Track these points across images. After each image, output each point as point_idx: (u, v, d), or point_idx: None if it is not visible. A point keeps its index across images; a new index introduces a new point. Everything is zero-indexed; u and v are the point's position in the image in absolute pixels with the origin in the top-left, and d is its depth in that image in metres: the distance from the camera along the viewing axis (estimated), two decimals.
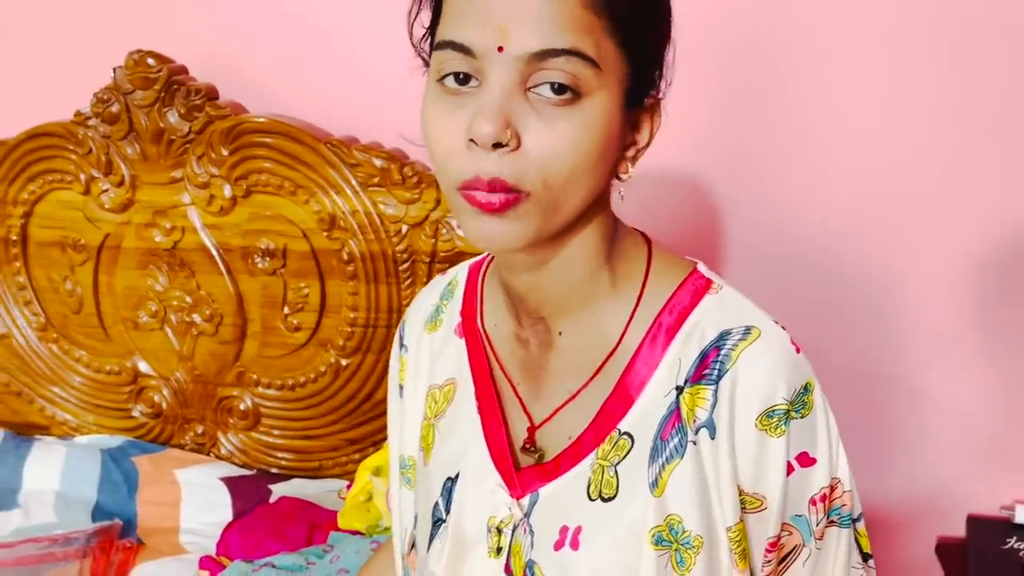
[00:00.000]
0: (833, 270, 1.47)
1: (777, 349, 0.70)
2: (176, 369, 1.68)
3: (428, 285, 0.92)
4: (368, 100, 1.56)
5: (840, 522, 0.74)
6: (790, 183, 1.45)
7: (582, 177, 0.66)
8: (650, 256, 0.76)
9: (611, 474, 0.72)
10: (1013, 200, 1.38)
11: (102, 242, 1.66)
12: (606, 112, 0.65)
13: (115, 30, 1.66)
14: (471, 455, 0.78)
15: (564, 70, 0.62)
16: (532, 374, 0.78)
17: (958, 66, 1.35)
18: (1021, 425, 1.46)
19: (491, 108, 0.62)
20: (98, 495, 1.62)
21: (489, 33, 0.62)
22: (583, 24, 0.62)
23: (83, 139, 1.61)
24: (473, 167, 0.64)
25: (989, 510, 1.48)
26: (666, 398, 0.71)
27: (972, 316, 1.44)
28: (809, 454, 0.71)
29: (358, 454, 1.60)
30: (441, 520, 0.79)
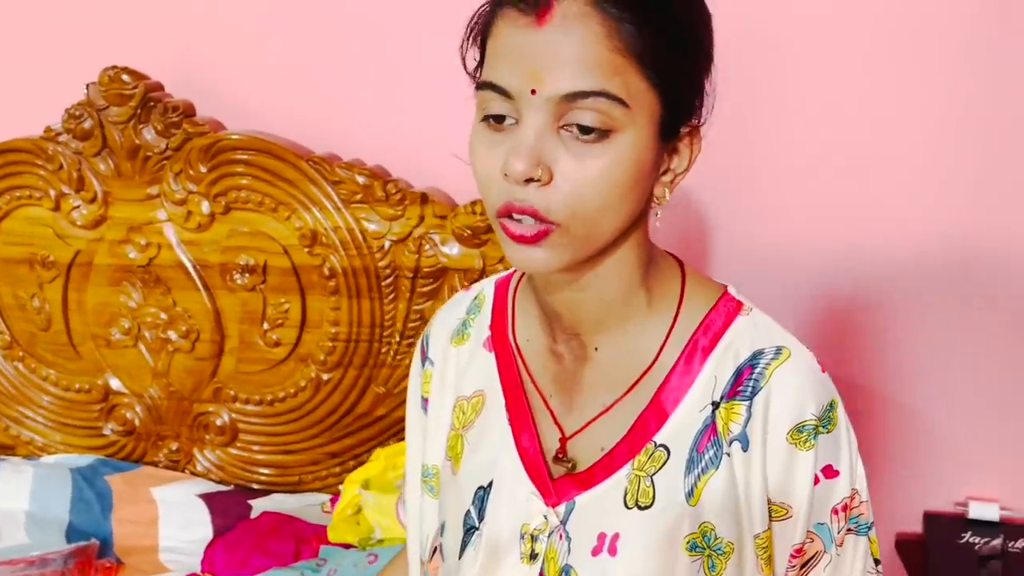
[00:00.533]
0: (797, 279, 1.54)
1: (806, 369, 0.76)
2: (150, 386, 1.67)
3: (450, 300, 0.95)
4: (348, 118, 1.58)
5: (858, 530, 0.80)
6: (774, 196, 1.50)
7: (611, 208, 0.70)
8: (684, 277, 0.80)
9: (647, 484, 0.76)
10: (999, 210, 1.45)
11: (72, 259, 1.64)
12: (636, 146, 0.69)
13: (88, 46, 1.64)
14: (503, 465, 0.82)
15: (593, 109, 0.67)
16: (565, 387, 0.81)
17: (946, 74, 1.41)
18: (974, 425, 1.55)
19: (523, 147, 0.68)
20: (71, 515, 1.60)
21: (524, 77, 0.67)
22: (611, 66, 0.67)
23: (53, 155, 1.59)
24: (508, 195, 0.69)
25: (945, 507, 1.57)
26: (702, 412, 0.76)
27: (929, 320, 1.52)
28: (833, 466, 0.76)
29: (339, 467, 1.61)
30: (474, 528, 0.82)
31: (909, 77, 1.42)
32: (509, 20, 0.68)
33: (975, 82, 1.41)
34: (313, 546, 1.42)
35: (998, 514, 1.52)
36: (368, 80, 1.58)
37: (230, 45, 1.62)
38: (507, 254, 0.72)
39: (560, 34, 0.66)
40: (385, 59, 1.56)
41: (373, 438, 1.58)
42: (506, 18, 0.69)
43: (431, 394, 0.91)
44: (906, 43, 1.41)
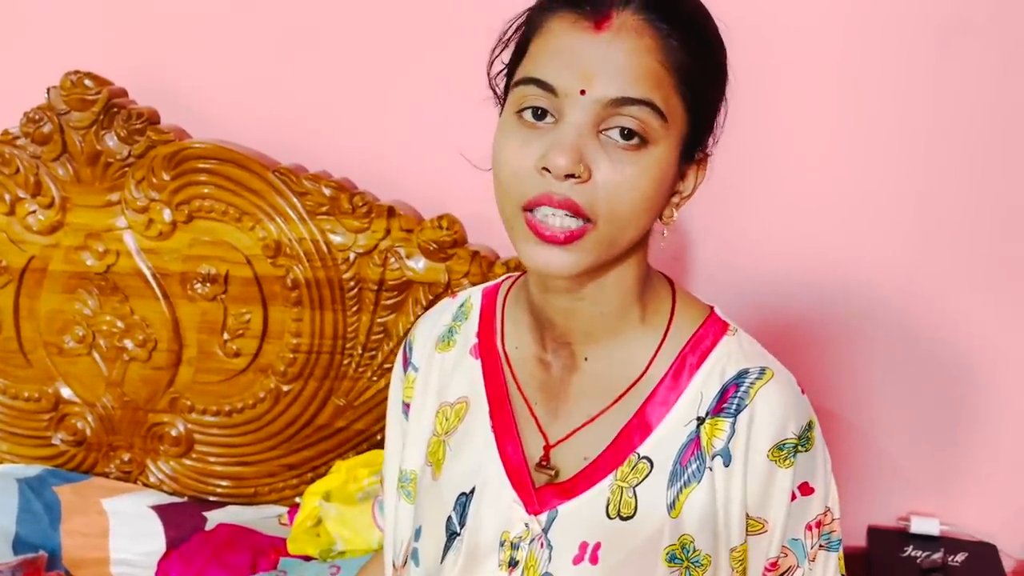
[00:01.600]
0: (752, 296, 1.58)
1: (788, 390, 0.79)
2: (103, 395, 1.64)
3: (435, 307, 0.96)
4: (315, 129, 1.58)
5: (829, 546, 0.84)
6: (753, 217, 1.54)
7: (639, 217, 0.73)
8: (674, 296, 0.83)
9: (629, 495, 0.78)
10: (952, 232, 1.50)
11: (26, 264, 1.61)
12: (665, 161, 0.72)
13: (49, 50, 1.62)
14: (486, 472, 0.83)
15: (636, 117, 0.70)
16: (551, 396, 0.83)
17: (928, 90, 1.45)
18: (916, 444, 1.61)
19: (566, 142, 0.69)
20: (17, 526, 1.56)
21: (575, 77, 0.69)
22: (657, 79, 0.70)
23: (10, 158, 1.57)
24: (543, 187, 0.70)
25: (888, 522, 1.63)
26: (687, 427, 0.79)
27: (877, 343, 1.58)
28: (809, 483, 0.80)
29: (296, 480, 1.60)
30: (455, 533, 0.84)
31: (884, 93, 1.46)
32: (566, 22, 0.71)
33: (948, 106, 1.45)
34: (271, 558, 1.41)
35: (938, 529, 1.58)
36: (336, 92, 1.58)
37: (197, 53, 1.61)
38: (526, 254, 0.72)
39: (616, 42, 0.69)
40: (354, 72, 1.57)
41: (332, 450, 1.58)
42: (562, 20, 0.71)
43: (414, 399, 0.92)
44: (883, 61, 1.44)
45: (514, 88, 0.73)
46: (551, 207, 0.70)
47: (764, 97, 1.48)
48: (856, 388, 1.59)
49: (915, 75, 1.44)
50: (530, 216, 0.71)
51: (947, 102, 1.45)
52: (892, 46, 1.44)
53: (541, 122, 0.71)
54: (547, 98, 0.71)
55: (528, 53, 0.73)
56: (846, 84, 1.47)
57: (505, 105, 0.75)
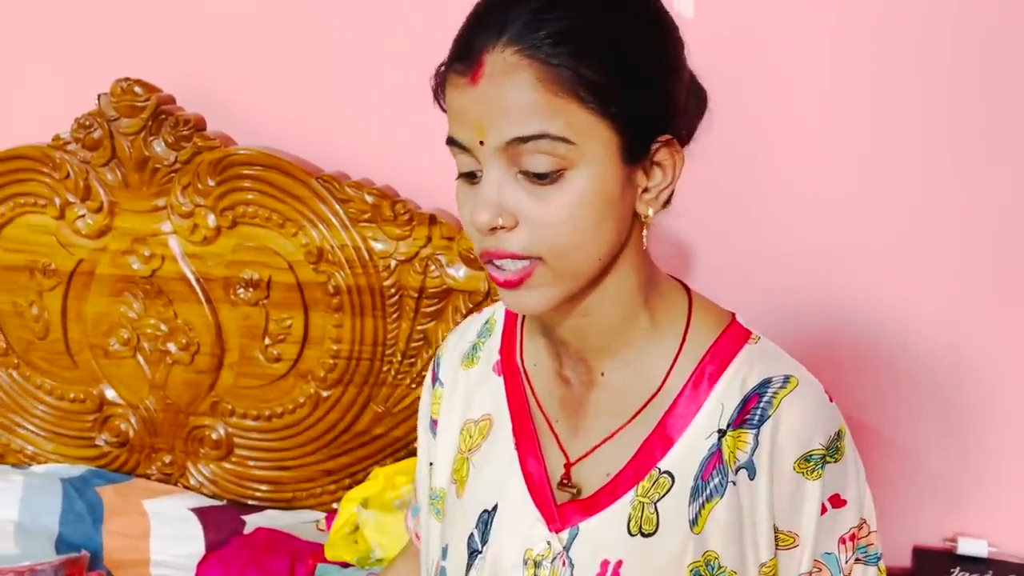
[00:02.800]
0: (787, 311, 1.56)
1: (814, 398, 0.77)
2: (146, 397, 1.66)
3: (462, 323, 0.96)
4: (359, 137, 1.59)
5: (867, 560, 0.80)
6: (755, 227, 1.53)
7: (586, 242, 0.72)
8: (690, 303, 0.81)
9: (651, 511, 0.77)
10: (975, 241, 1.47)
11: (74, 268, 1.64)
12: (595, 177, 0.70)
13: (100, 57, 1.65)
14: (508, 489, 0.82)
15: (539, 152, 0.68)
16: (571, 412, 0.82)
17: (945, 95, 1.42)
18: (963, 463, 1.57)
19: (484, 199, 0.70)
20: (60, 526, 1.58)
21: (471, 131, 0.70)
22: (549, 109, 0.68)
23: (60, 163, 1.60)
24: (484, 244, 0.72)
25: (934, 542, 1.59)
26: (708, 440, 0.77)
27: (920, 357, 1.55)
28: (840, 496, 0.77)
29: (334, 485, 1.61)
30: (477, 551, 0.83)
31: (904, 98, 1.44)
32: (452, 83, 0.71)
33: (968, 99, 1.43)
34: (309, 564, 1.42)
35: (987, 551, 1.53)
36: (379, 100, 1.59)
37: (242, 60, 1.63)
38: (502, 298, 0.75)
39: (493, 87, 0.68)
40: (398, 81, 1.57)
41: (370, 457, 1.59)
42: (450, 82, 0.72)
43: (440, 416, 0.91)
44: (898, 64, 1.42)
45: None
46: (495, 259, 0.72)
47: (775, 102, 1.46)
48: (900, 405, 1.56)
49: (930, 79, 1.42)
50: (489, 267, 0.73)
51: (966, 107, 1.42)
52: (908, 49, 1.41)
53: (475, 180, 0.72)
54: (467, 156, 0.72)
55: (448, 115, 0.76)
56: (861, 89, 1.44)
57: None
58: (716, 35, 1.41)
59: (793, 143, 1.49)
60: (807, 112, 1.47)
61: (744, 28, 1.44)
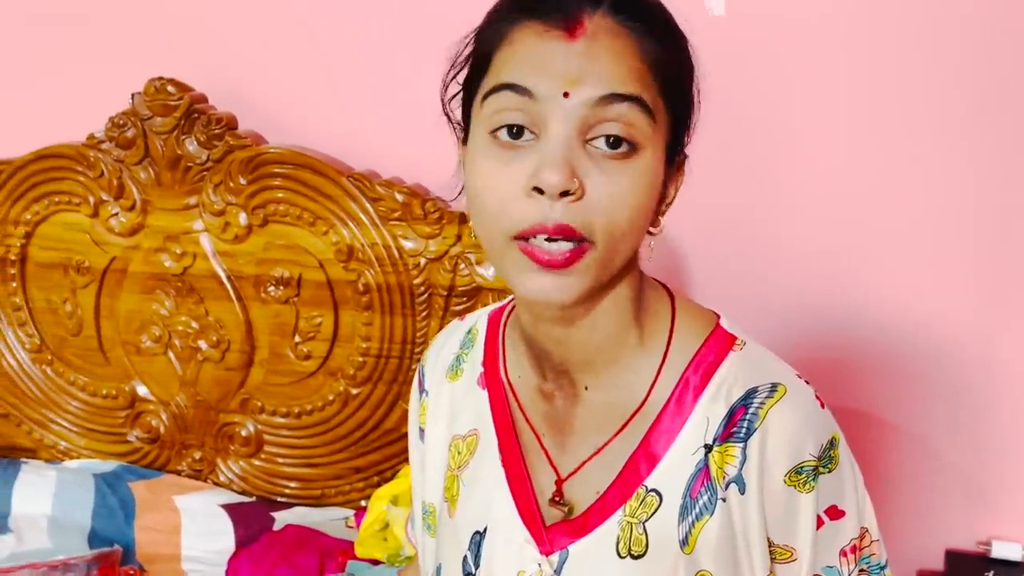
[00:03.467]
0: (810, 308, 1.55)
1: (803, 406, 0.72)
2: (177, 394, 1.67)
3: (444, 330, 0.91)
4: (388, 135, 1.60)
5: (871, 571, 0.77)
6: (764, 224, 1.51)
7: (636, 229, 0.68)
8: (674, 310, 0.77)
9: (640, 531, 0.74)
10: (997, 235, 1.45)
11: (107, 265, 1.66)
12: (655, 167, 0.68)
13: (134, 57, 1.67)
14: (497, 509, 0.79)
15: (623, 119, 0.65)
16: (557, 427, 0.79)
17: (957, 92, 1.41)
18: (996, 464, 1.55)
19: (556, 157, 0.64)
20: (93, 521, 1.60)
21: (556, 81, 0.65)
22: (641, 79, 0.66)
23: (95, 162, 1.61)
24: (535, 214, 0.64)
25: (967, 545, 1.57)
26: (694, 456, 0.73)
27: (952, 355, 1.53)
28: (838, 507, 0.74)
29: (363, 483, 1.61)
30: (471, 574, 0.81)
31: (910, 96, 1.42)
32: (533, 32, 0.66)
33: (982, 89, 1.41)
34: (339, 561, 1.42)
35: (1021, 554, 1.51)
36: (409, 98, 1.59)
37: (273, 59, 1.64)
38: (520, 282, 0.67)
39: (593, 47, 0.65)
40: (428, 79, 1.57)
41: (398, 455, 1.59)
42: (529, 30, 0.67)
43: (427, 425, 0.89)
44: (906, 67, 1.41)
45: (485, 101, 0.68)
46: (547, 235, 0.64)
47: (781, 102, 1.45)
48: (931, 404, 1.54)
49: (948, 76, 1.40)
50: (524, 244, 0.65)
51: (983, 103, 1.40)
52: (927, 45, 1.40)
53: (519, 140, 0.66)
54: (523, 108, 0.65)
55: (492, 66, 0.68)
56: (867, 86, 1.43)
57: (471, 128, 0.71)
58: (732, 35, 1.41)
59: (806, 140, 1.47)
60: (821, 110, 1.46)
61: (760, 26, 1.43)
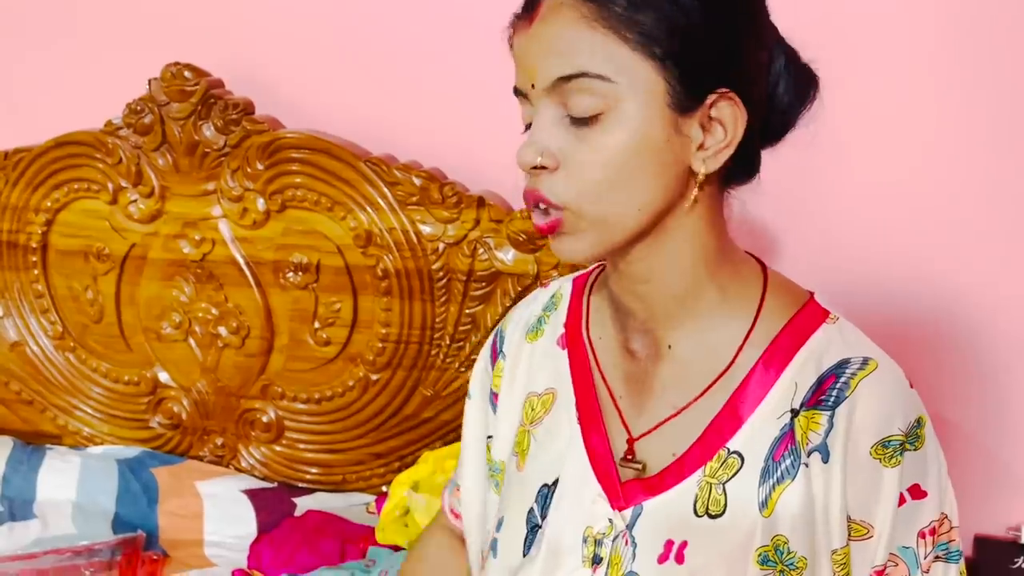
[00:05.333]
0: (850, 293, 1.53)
1: (894, 382, 0.74)
2: (198, 380, 1.68)
3: (528, 297, 0.96)
4: (406, 119, 1.58)
5: (948, 558, 0.77)
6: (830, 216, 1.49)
7: (622, 186, 0.71)
8: (766, 279, 0.79)
9: (719, 492, 0.74)
10: None
11: (127, 252, 1.66)
12: (637, 120, 0.70)
13: (150, 42, 1.66)
14: (570, 464, 0.81)
15: (581, 91, 0.70)
16: (636, 387, 0.81)
17: (996, 85, 1.39)
18: None
19: (530, 139, 0.73)
20: (117, 506, 1.61)
21: (526, 76, 0.73)
22: (591, 45, 0.69)
23: (113, 148, 1.61)
24: (527, 186, 0.75)
25: (997, 531, 1.54)
26: (779, 420, 0.74)
27: (979, 338, 1.50)
28: (921, 486, 0.74)
29: (383, 468, 1.61)
30: (537, 526, 0.81)
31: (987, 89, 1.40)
32: (516, 30, 0.75)
33: None
34: (360, 547, 1.42)
35: None
36: (426, 82, 1.58)
37: (290, 43, 1.63)
38: None
39: (544, 26, 0.71)
40: (444, 62, 1.56)
41: (419, 440, 1.58)
42: (516, 29, 0.75)
43: (501, 389, 0.90)
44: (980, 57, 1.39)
45: None
46: (529, 203, 0.74)
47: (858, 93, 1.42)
48: (961, 388, 1.51)
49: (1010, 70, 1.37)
50: (532, 212, 0.75)
51: None
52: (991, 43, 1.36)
53: None
54: (527, 105, 0.74)
55: None
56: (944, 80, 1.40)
57: None
58: None
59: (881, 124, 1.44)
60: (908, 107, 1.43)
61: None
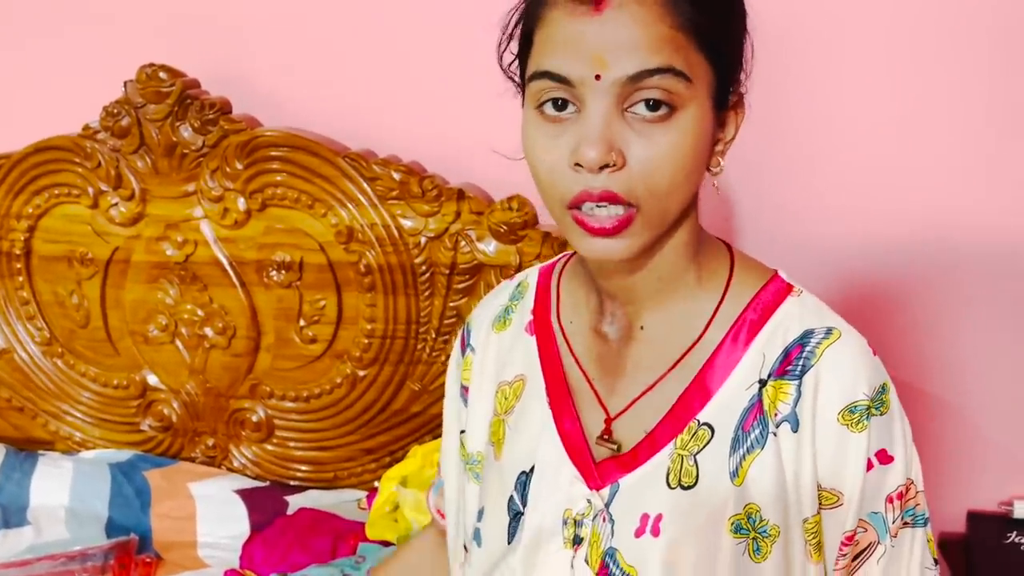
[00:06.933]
0: (836, 275, 1.52)
1: (858, 349, 0.75)
2: (187, 382, 1.68)
3: (494, 290, 0.96)
4: (384, 114, 1.57)
5: (914, 523, 0.78)
6: (801, 188, 1.49)
7: (682, 184, 0.71)
8: (733, 259, 0.81)
9: (691, 463, 0.75)
10: None
11: (111, 256, 1.65)
12: (699, 120, 0.70)
13: (123, 44, 1.65)
14: (544, 449, 0.81)
15: (659, 87, 0.68)
16: (609, 368, 0.81)
17: (975, 70, 1.39)
18: (1018, 424, 1.52)
19: (594, 134, 0.68)
20: (110, 510, 1.61)
21: (586, 64, 0.68)
22: (672, 44, 0.68)
23: (92, 152, 1.60)
24: (580, 183, 0.69)
25: (989, 506, 1.54)
26: (748, 391, 0.75)
27: (972, 319, 1.49)
28: (887, 452, 0.75)
29: (374, 464, 1.61)
30: (519, 514, 0.82)
31: (939, 65, 1.40)
32: (563, 10, 0.69)
33: (1008, 67, 1.37)
34: (350, 543, 1.42)
35: None
36: (404, 76, 1.57)
37: (266, 41, 1.62)
38: (581, 246, 0.73)
39: (620, 18, 0.67)
40: (421, 55, 1.55)
41: (408, 435, 1.58)
42: (559, 7, 0.69)
43: (471, 381, 0.91)
44: (936, 31, 1.38)
45: (529, 83, 0.72)
46: (592, 202, 0.69)
47: (820, 69, 1.42)
48: (948, 363, 1.51)
49: (981, 50, 1.38)
50: (576, 212, 0.71)
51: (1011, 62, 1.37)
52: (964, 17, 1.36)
53: (564, 112, 0.70)
54: (564, 89, 0.69)
55: (534, 45, 0.72)
56: (901, 51, 1.40)
57: (524, 98, 0.75)
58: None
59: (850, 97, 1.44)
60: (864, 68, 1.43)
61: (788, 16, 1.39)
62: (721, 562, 0.74)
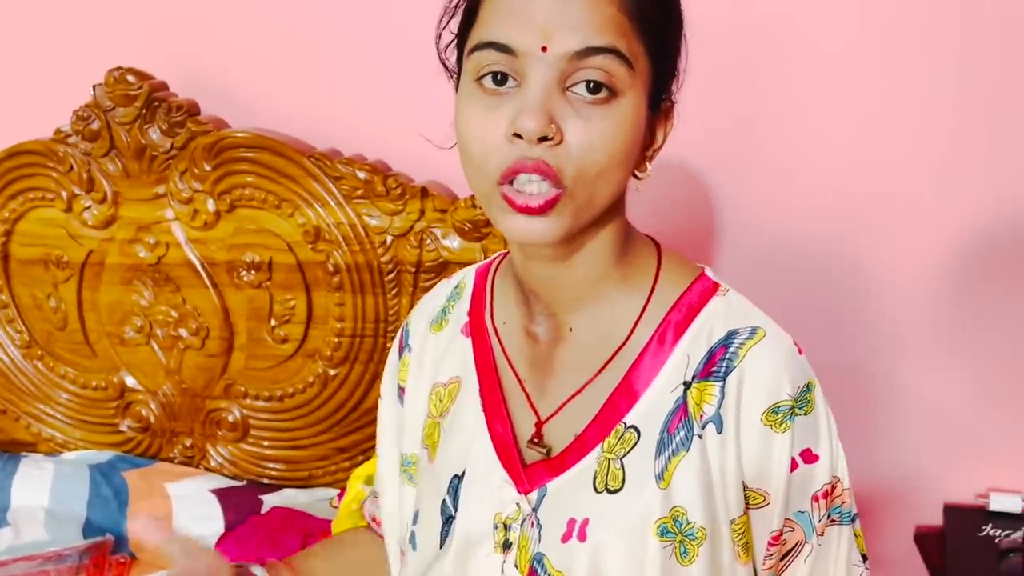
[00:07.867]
0: (815, 268, 1.51)
1: (781, 349, 0.75)
2: (163, 383, 1.69)
3: (432, 290, 0.95)
4: (351, 113, 1.58)
5: (841, 520, 0.78)
6: (776, 183, 1.48)
7: (613, 173, 0.70)
8: (660, 257, 0.80)
9: (617, 466, 0.75)
10: (991, 201, 1.42)
11: (85, 259, 1.66)
12: (636, 112, 0.70)
13: (93, 47, 1.66)
14: (476, 452, 0.81)
15: (602, 68, 0.67)
16: (540, 370, 0.81)
17: (948, 67, 1.38)
18: (994, 416, 1.51)
19: (535, 104, 0.67)
20: (88, 511, 1.62)
21: (533, 35, 0.67)
22: (619, 27, 0.68)
23: (64, 157, 1.61)
24: (516, 153, 0.68)
25: (965, 499, 1.53)
26: (673, 393, 0.75)
27: (947, 311, 1.48)
28: (812, 451, 0.75)
29: (348, 462, 1.61)
30: (452, 517, 0.82)
31: (918, 64, 1.39)
32: None
33: (978, 71, 1.37)
34: (319, 540, 1.43)
35: (1020, 506, 1.47)
36: (370, 75, 1.57)
37: (233, 43, 1.63)
38: (504, 226, 0.71)
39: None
40: (387, 54, 1.55)
41: None
42: None
43: (408, 382, 0.91)
44: (912, 34, 1.37)
45: (469, 56, 0.70)
46: (526, 173, 0.68)
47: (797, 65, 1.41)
48: (922, 355, 1.50)
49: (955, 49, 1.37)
50: (505, 189, 0.69)
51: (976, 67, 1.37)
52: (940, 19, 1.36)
53: (503, 87, 0.69)
54: (506, 61, 0.68)
55: (479, 18, 0.71)
56: (880, 54, 1.40)
57: (461, 76, 0.73)
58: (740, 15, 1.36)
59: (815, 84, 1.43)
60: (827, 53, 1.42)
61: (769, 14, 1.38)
62: (648, 566, 0.73)
